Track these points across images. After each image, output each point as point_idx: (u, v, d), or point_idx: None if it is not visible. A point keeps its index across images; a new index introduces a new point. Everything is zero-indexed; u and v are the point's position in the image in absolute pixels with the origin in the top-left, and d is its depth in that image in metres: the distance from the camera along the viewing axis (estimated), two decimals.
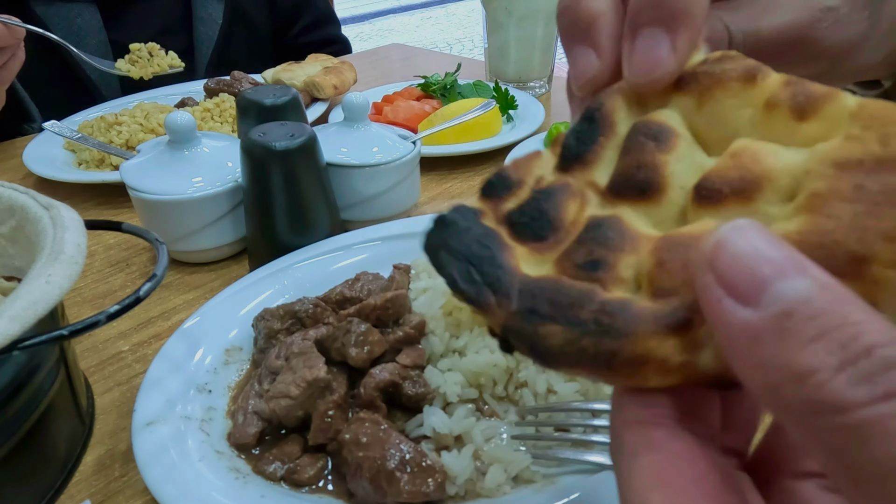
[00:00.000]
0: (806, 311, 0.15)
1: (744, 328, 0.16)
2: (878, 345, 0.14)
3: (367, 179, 0.76)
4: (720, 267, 0.17)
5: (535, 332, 0.21)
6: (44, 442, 0.44)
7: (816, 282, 0.16)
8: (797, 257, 0.16)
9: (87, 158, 0.98)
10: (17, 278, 0.46)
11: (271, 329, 0.56)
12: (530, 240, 0.24)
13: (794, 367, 0.15)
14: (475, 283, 0.23)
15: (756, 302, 0.16)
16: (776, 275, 0.16)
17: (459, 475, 0.45)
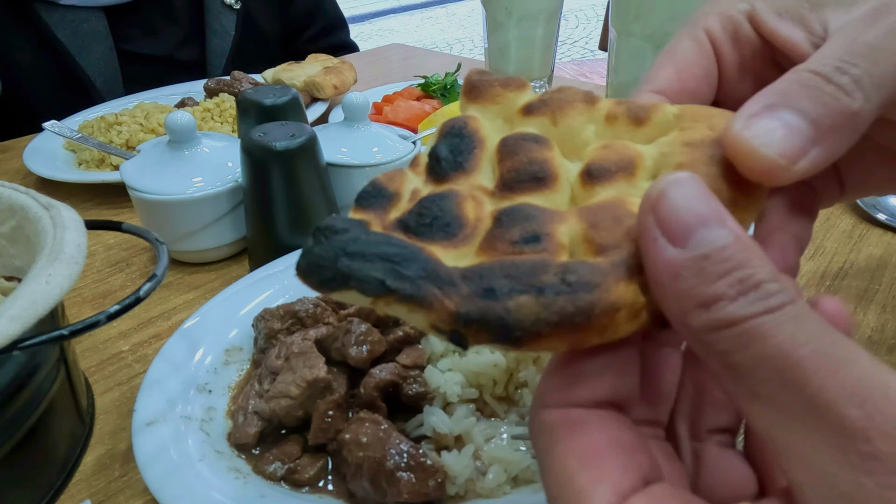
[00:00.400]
0: (719, 255, 0.20)
1: (669, 264, 0.20)
2: (764, 280, 0.19)
3: (367, 179, 0.76)
4: (660, 212, 0.21)
5: (504, 307, 0.21)
6: (44, 442, 0.44)
7: (731, 232, 0.20)
8: (721, 210, 0.20)
9: (87, 158, 0.98)
10: (17, 278, 0.46)
11: (271, 329, 0.56)
12: (439, 238, 0.23)
13: (704, 297, 0.19)
14: (408, 279, 0.21)
15: (683, 243, 0.20)
16: (702, 223, 0.20)
17: (459, 475, 0.45)
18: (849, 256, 0.73)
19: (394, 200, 0.25)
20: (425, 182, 0.26)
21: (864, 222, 0.79)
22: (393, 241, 0.22)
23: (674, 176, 0.21)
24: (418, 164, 0.27)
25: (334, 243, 0.22)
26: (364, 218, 0.24)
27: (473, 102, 0.29)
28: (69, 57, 1.23)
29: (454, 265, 0.22)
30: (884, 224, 0.78)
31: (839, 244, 0.75)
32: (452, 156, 0.27)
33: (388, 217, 0.25)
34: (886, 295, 0.66)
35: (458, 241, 0.23)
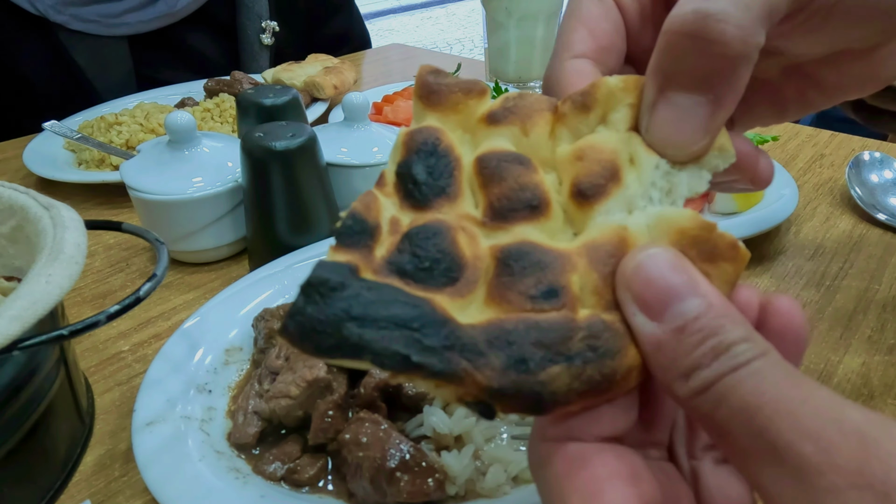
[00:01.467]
0: (693, 327, 0.21)
1: (650, 339, 0.21)
2: (734, 343, 0.20)
3: (367, 179, 0.76)
4: (635, 287, 0.22)
5: (538, 380, 0.20)
6: (44, 442, 0.44)
7: (704, 300, 0.21)
8: (693, 278, 0.21)
9: (87, 158, 0.98)
10: (17, 278, 0.46)
11: (271, 329, 0.56)
12: (441, 285, 0.21)
13: (683, 368, 0.21)
14: (434, 352, 0.19)
15: (661, 318, 0.21)
16: (675, 296, 0.21)
17: (459, 475, 0.45)
18: (849, 256, 0.73)
19: (375, 235, 0.22)
20: (401, 208, 0.24)
21: (864, 222, 0.79)
22: (401, 297, 0.20)
23: (645, 251, 0.22)
24: (385, 184, 0.24)
25: (335, 304, 0.20)
26: (350, 260, 0.21)
27: (432, 110, 0.26)
28: (84, 78, 1.21)
29: (466, 321, 0.21)
30: (884, 224, 0.78)
31: (839, 244, 0.75)
32: (432, 179, 0.24)
33: (375, 256, 0.22)
34: (886, 295, 0.66)
35: (462, 287, 0.22)
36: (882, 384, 0.55)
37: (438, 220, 0.23)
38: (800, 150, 1.01)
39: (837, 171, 0.93)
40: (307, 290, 0.20)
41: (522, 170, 0.25)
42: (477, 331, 0.20)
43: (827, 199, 0.85)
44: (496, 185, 0.24)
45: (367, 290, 0.20)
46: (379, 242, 0.22)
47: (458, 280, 0.22)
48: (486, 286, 0.22)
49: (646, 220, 0.23)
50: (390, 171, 0.25)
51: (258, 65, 1.38)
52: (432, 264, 0.22)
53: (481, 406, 0.20)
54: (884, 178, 0.84)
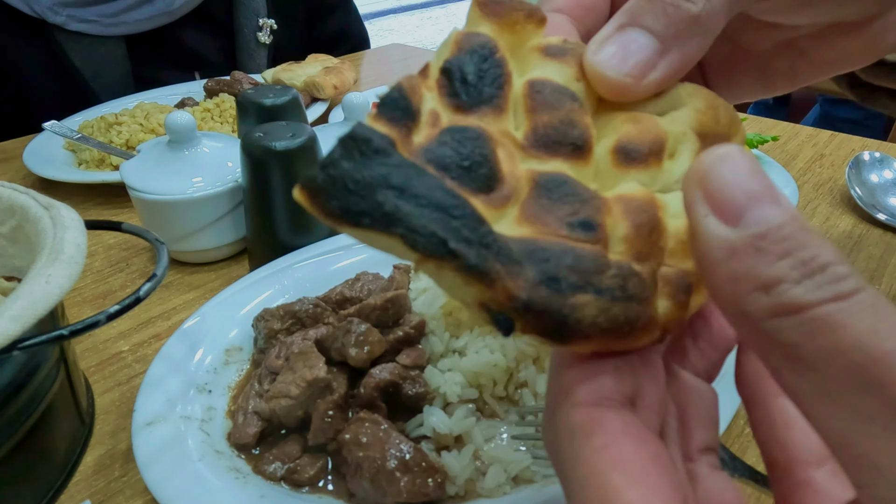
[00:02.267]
0: (778, 234, 0.18)
1: (723, 243, 0.18)
2: (831, 262, 0.17)
3: None
4: (709, 187, 0.19)
5: (567, 303, 0.19)
6: (44, 442, 0.44)
7: (787, 211, 0.18)
8: (773, 188, 0.19)
9: (87, 158, 0.98)
10: (17, 278, 0.46)
11: (271, 329, 0.56)
12: (477, 190, 0.20)
13: (764, 278, 0.18)
14: (471, 244, 0.18)
15: (737, 221, 0.18)
16: (756, 201, 0.18)
17: (459, 475, 0.45)
18: (849, 256, 0.73)
19: (416, 118, 0.21)
20: (443, 105, 0.22)
21: (864, 222, 0.79)
22: (446, 188, 0.19)
23: (723, 149, 0.20)
24: (428, 76, 0.22)
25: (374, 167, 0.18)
26: (389, 134, 0.19)
27: (488, 20, 0.24)
28: (82, 79, 1.21)
29: (501, 230, 0.20)
30: (884, 224, 0.78)
31: (839, 244, 0.75)
32: (481, 83, 0.22)
33: (413, 140, 0.20)
34: (886, 295, 0.66)
35: (496, 198, 0.20)
36: None
37: (480, 127, 0.22)
38: (800, 150, 1.01)
39: (837, 171, 0.93)
40: (347, 142, 0.18)
41: (575, 107, 0.24)
42: (512, 241, 0.19)
43: (827, 199, 0.85)
44: (546, 112, 0.23)
45: (411, 166, 0.18)
46: (417, 128, 0.21)
47: (493, 191, 0.20)
48: (520, 206, 0.21)
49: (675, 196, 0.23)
50: (436, 65, 0.23)
51: (255, 63, 1.38)
52: (472, 165, 0.20)
53: (502, 319, 0.19)
54: (884, 178, 0.84)
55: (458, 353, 0.53)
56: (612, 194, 0.23)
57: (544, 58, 0.25)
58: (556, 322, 0.19)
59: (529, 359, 0.51)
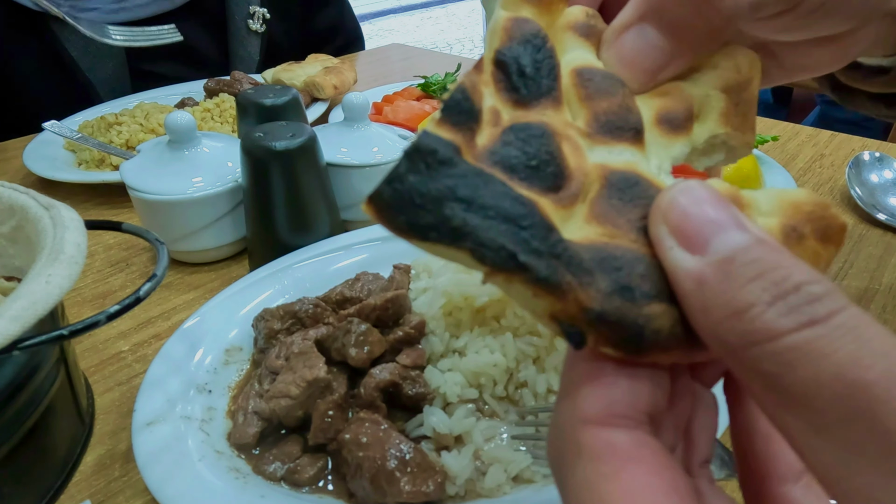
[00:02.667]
0: (745, 257, 0.17)
1: (692, 273, 0.18)
2: (804, 282, 0.16)
3: (367, 179, 0.76)
4: (673, 220, 0.19)
5: (641, 313, 0.18)
6: (44, 442, 0.44)
7: (753, 235, 0.18)
8: (736, 214, 0.19)
9: (87, 158, 0.98)
10: (17, 278, 0.46)
11: (271, 329, 0.56)
12: (545, 189, 0.19)
13: (734, 304, 0.17)
14: (541, 256, 0.17)
15: (703, 250, 0.18)
16: (720, 227, 0.18)
17: (459, 475, 0.45)
18: (849, 256, 0.73)
19: (478, 120, 0.20)
20: (502, 100, 0.21)
21: (864, 222, 0.79)
22: (513, 192, 0.18)
23: (682, 183, 0.20)
24: (482, 70, 0.22)
25: (440, 179, 0.18)
26: (453, 140, 0.19)
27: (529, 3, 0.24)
28: (79, 72, 1.22)
29: (568, 235, 0.19)
30: (884, 224, 0.78)
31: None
32: (538, 75, 0.22)
33: (477, 142, 0.20)
34: (886, 295, 0.66)
35: (564, 197, 0.20)
36: None
37: (543, 122, 0.21)
38: (800, 150, 1.01)
39: (837, 171, 0.93)
40: (413, 156, 0.18)
41: (626, 91, 0.24)
42: (582, 248, 0.19)
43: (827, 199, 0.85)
44: (603, 99, 0.23)
45: (477, 174, 0.18)
46: (480, 129, 0.20)
47: (561, 189, 0.20)
48: (589, 204, 0.20)
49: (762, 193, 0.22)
50: (488, 57, 0.22)
51: (246, 52, 1.38)
52: (540, 164, 0.20)
53: (573, 331, 0.18)
54: (884, 178, 0.84)
55: (458, 353, 0.53)
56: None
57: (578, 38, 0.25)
58: (631, 333, 0.18)
59: (529, 359, 0.51)
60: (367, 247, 0.70)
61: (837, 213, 0.21)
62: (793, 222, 0.21)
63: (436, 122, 0.19)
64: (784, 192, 0.22)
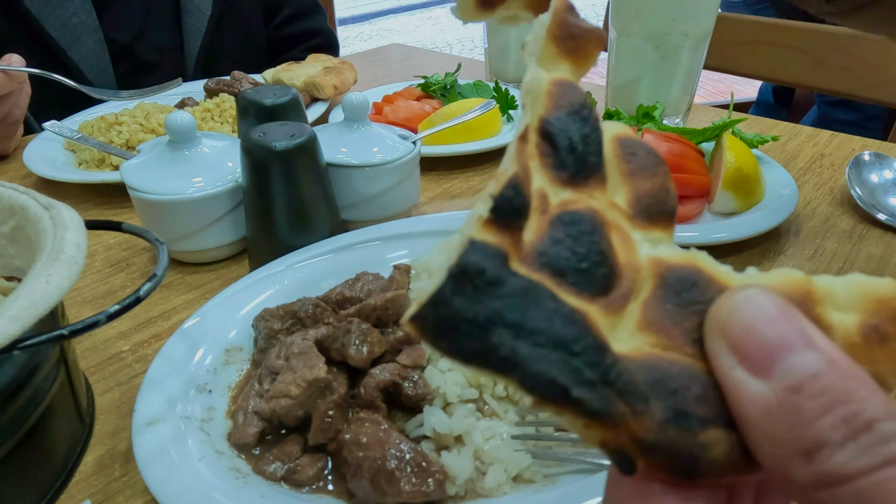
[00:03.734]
0: (814, 387, 0.16)
1: (756, 399, 0.17)
2: (877, 419, 0.15)
3: (367, 179, 0.76)
4: (733, 335, 0.17)
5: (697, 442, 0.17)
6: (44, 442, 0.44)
7: (823, 356, 0.16)
8: (805, 328, 0.17)
9: (87, 158, 0.98)
10: (17, 278, 0.46)
11: (271, 329, 0.56)
12: (595, 294, 0.18)
13: (803, 443, 0.16)
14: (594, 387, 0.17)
15: (768, 373, 0.17)
16: (786, 347, 0.17)
17: (459, 475, 0.45)
18: (849, 256, 0.73)
19: (527, 211, 0.19)
20: (549, 179, 0.20)
21: (864, 222, 0.79)
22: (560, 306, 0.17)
23: (743, 291, 0.18)
24: (527, 140, 0.20)
25: (488, 302, 0.17)
26: (500, 244, 0.18)
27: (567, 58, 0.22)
28: (60, 52, 1.23)
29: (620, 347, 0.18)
30: (884, 224, 0.78)
31: (839, 244, 0.75)
32: (586, 151, 0.21)
33: (524, 240, 0.19)
34: None
35: (615, 300, 0.19)
36: None
37: (592, 209, 0.20)
38: (800, 150, 1.01)
39: (837, 171, 0.93)
40: (460, 277, 0.17)
41: (666, 170, 0.22)
42: (636, 365, 0.18)
43: (827, 199, 0.85)
44: (646, 179, 0.22)
45: (524, 291, 0.17)
46: (528, 222, 0.19)
47: (612, 290, 0.19)
48: (642, 307, 0.19)
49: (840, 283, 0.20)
50: (532, 126, 0.21)
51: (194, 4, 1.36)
52: (590, 266, 0.19)
53: (622, 458, 0.17)
54: (884, 178, 0.85)
55: None
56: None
57: None
58: (685, 463, 0.17)
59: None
60: (367, 247, 0.70)
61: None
62: (875, 321, 0.19)
63: (483, 223, 0.18)
64: (868, 284, 0.20)
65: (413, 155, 0.79)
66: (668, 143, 0.81)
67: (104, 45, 1.28)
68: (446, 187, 0.93)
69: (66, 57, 1.24)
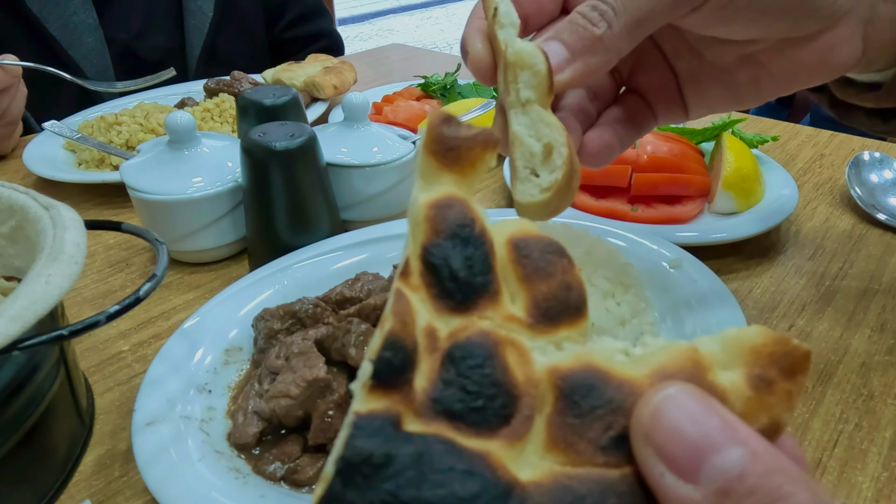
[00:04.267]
0: (742, 488, 0.16)
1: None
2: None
3: (367, 179, 0.76)
4: (658, 440, 0.18)
5: None
6: (44, 442, 0.44)
7: (746, 449, 0.17)
8: (728, 422, 0.17)
9: (87, 158, 0.98)
10: (17, 278, 0.46)
11: (271, 329, 0.56)
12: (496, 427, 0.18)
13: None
14: None
15: (696, 478, 0.17)
16: (710, 447, 0.17)
17: None
18: (849, 256, 0.73)
19: (414, 359, 0.19)
20: (436, 309, 0.20)
21: (864, 222, 0.79)
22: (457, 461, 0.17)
23: (662, 391, 0.18)
24: (410, 273, 0.21)
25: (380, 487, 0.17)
26: (389, 408, 0.18)
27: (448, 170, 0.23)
28: (60, 50, 1.23)
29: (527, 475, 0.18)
30: (884, 224, 0.78)
31: (839, 244, 0.75)
32: (470, 274, 0.20)
33: (416, 390, 0.18)
34: (886, 295, 0.66)
35: (518, 425, 0.19)
36: (882, 384, 0.55)
37: (483, 332, 0.20)
38: (800, 150, 1.01)
39: (837, 171, 0.93)
40: (345, 471, 0.17)
41: (566, 264, 0.22)
42: (546, 495, 0.17)
43: (827, 199, 0.85)
44: (542, 281, 0.21)
45: (417, 458, 0.17)
46: (418, 368, 0.19)
47: (513, 416, 0.19)
48: (546, 425, 0.19)
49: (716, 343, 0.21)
50: (414, 256, 0.21)
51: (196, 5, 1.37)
52: (486, 402, 0.18)
53: None
54: (884, 178, 0.85)
55: None
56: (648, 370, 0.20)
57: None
58: None
59: None
60: (367, 247, 0.70)
61: (798, 343, 0.20)
62: (758, 371, 0.20)
63: (368, 389, 0.18)
64: (737, 335, 0.20)
65: (413, 155, 0.79)
66: (668, 143, 0.81)
67: (104, 44, 1.28)
68: None
69: (67, 55, 1.24)
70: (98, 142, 0.96)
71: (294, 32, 1.55)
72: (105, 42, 1.28)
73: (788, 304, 0.65)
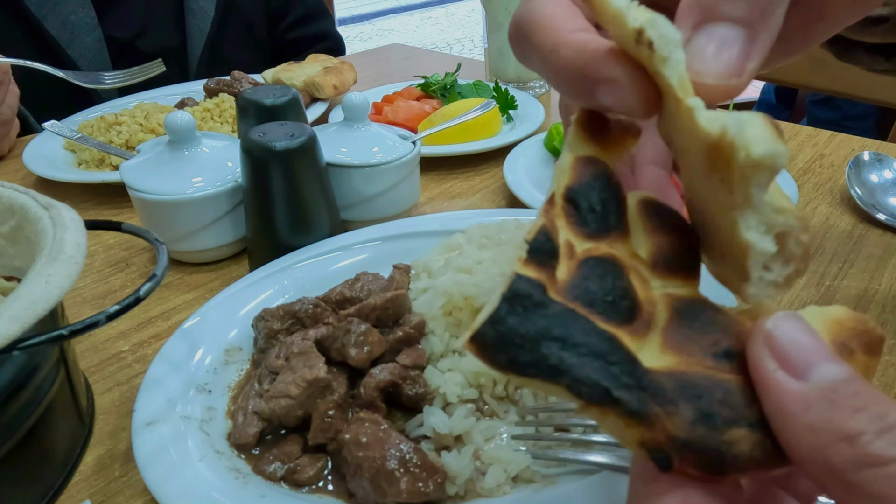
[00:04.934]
0: (847, 389, 0.19)
1: (797, 396, 0.20)
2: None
3: (367, 179, 0.76)
4: (775, 345, 0.21)
5: (723, 439, 0.20)
6: (44, 442, 0.44)
7: (846, 369, 0.20)
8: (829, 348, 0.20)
9: (87, 158, 0.98)
10: (17, 278, 0.46)
11: (271, 329, 0.56)
12: (621, 322, 0.21)
13: (845, 429, 0.18)
14: (631, 390, 0.19)
15: (805, 376, 0.20)
16: (819, 357, 0.20)
17: (459, 475, 0.45)
18: (849, 256, 0.73)
19: (557, 254, 0.22)
20: (574, 233, 0.24)
21: (864, 222, 0.79)
22: (598, 328, 0.20)
23: (782, 314, 0.21)
24: (554, 204, 0.24)
25: (536, 320, 0.20)
26: (540, 279, 0.21)
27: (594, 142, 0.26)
28: (59, 49, 1.23)
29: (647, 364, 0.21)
30: (884, 224, 0.78)
31: (839, 244, 0.75)
32: (605, 211, 0.24)
33: (557, 277, 0.22)
34: (886, 295, 0.66)
35: (639, 328, 0.22)
36: (882, 384, 0.55)
37: (612, 255, 0.23)
38: (800, 150, 1.01)
39: (837, 171, 0.93)
40: (512, 300, 0.20)
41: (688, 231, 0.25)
42: (662, 377, 0.20)
43: (827, 199, 0.85)
44: (665, 236, 0.25)
45: (564, 313, 0.20)
46: (559, 263, 0.22)
47: (635, 319, 0.22)
48: (662, 333, 0.22)
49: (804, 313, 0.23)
50: (559, 194, 0.24)
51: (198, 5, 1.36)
52: (615, 299, 0.22)
53: (660, 456, 0.20)
54: (884, 178, 0.84)
55: (458, 353, 0.53)
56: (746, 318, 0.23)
57: None
58: (714, 459, 0.20)
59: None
60: (367, 247, 0.70)
61: (876, 325, 0.23)
62: (841, 339, 0.22)
63: (522, 262, 0.21)
64: (821, 310, 0.23)
65: (413, 155, 0.79)
66: None
67: (103, 42, 1.28)
68: (446, 187, 0.93)
69: (65, 54, 1.24)
70: (98, 142, 0.96)
71: (296, 34, 1.55)
72: (104, 41, 1.28)
73: (788, 303, 0.65)
